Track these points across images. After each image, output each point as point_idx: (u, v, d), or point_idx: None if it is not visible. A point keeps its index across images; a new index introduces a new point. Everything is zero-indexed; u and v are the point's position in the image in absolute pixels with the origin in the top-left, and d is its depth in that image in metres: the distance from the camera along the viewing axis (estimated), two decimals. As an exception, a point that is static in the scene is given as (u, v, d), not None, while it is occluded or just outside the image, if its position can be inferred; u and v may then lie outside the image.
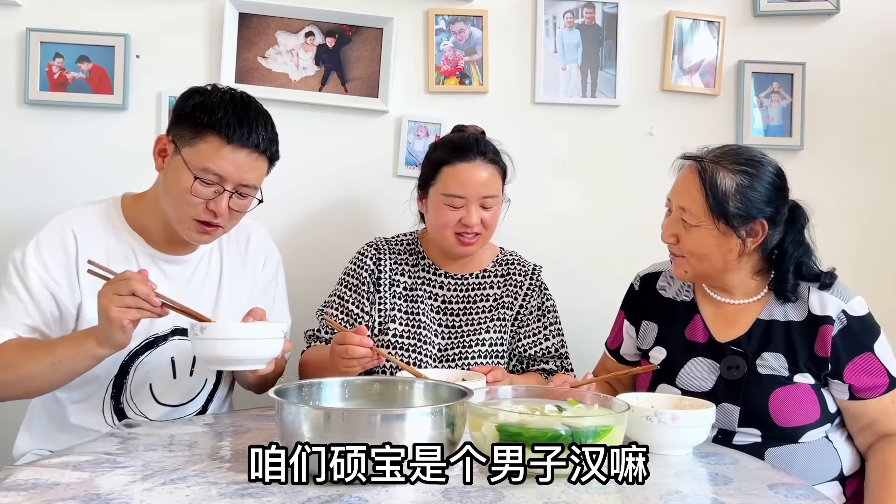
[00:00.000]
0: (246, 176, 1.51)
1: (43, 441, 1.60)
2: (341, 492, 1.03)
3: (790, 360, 1.47)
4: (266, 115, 1.56)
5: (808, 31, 2.31)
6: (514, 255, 1.95)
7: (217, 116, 1.47)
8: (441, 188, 1.77)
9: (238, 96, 1.53)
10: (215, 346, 1.36)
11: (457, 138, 1.82)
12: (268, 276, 1.74)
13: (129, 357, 1.57)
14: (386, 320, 1.82)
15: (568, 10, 2.25)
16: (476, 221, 1.75)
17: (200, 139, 1.48)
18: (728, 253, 1.49)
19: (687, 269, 1.54)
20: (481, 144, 1.78)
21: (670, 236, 1.54)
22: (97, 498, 1.00)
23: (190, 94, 1.54)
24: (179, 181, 1.49)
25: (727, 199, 1.45)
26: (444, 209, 1.76)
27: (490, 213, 1.78)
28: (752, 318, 1.53)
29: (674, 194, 1.54)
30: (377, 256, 1.87)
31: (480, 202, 1.76)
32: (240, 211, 1.56)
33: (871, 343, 1.47)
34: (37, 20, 2.11)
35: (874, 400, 1.46)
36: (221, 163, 1.48)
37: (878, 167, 2.33)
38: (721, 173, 1.46)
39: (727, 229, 1.47)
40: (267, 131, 1.53)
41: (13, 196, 2.10)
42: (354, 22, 2.19)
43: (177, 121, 1.53)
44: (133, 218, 1.59)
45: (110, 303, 1.33)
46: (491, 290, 1.87)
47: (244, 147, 1.49)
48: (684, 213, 1.49)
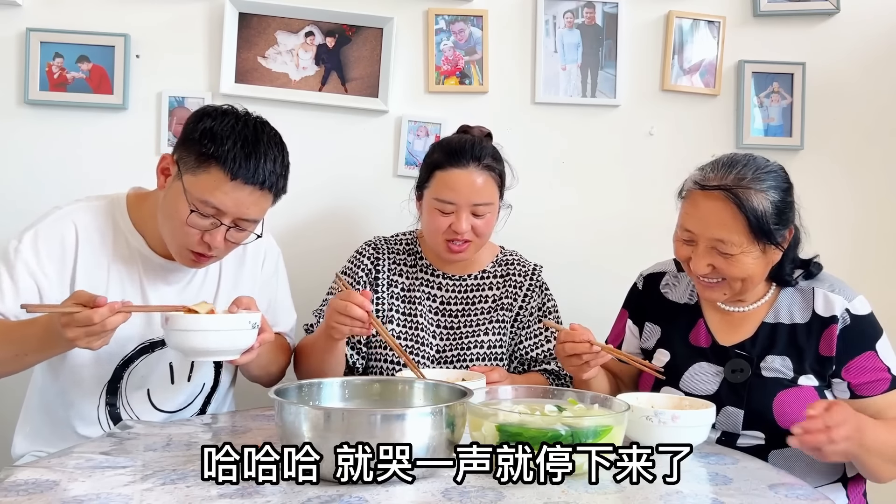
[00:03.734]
0: (247, 212, 1.44)
1: (40, 444, 1.58)
2: (341, 492, 1.03)
3: (796, 362, 1.47)
4: (279, 147, 1.47)
5: (808, 31, 2.31)
6: (515, 254, 1.93)
7: (224, 148, 1.40)
8: (433, 192, 1.75)
9: (251, 125, 1.45)
10: (179, 337, 1.34)
11: (454, 141, 1.77)
12: (268, 272, 1.72)
13: (123, 362, 1.56)
14: (383, 321, 1.81)
15: (568, 10, 2.25)
16: (466, 229, 1.71)
17: (203, 170, 1.41)
18: (767, 266, 1.48)
19: (727, 291, 1.49)
20: (477, 150, 1.73)
21: (705, 267, 1.46)
22: (97, 498, 1.00)
23: (201, 115, 1.46)
24: (177, 209, 1.43)
25: (768, 220, 1.41)
26: (434, 214, 1.74)
27: (483, 220, 1.74)
28: (758, 322, 1.52)
29: (701, 226, 1.45)
30: (375, 256, 1.86)
31: (472, 209, 1.72)
32: (236, 243, 1.50)
33: (874, 342, 1.47)
34: (37, 20, 2.11)
35: (877, 397, 1.46)
36: (222, 198, 1.41)
37: (878, 167, 2.33)
38: (755, 197, 1.41)
39: (769, 247, 1.44)
40: (276, 167, 1.45)
41: (13, 196, 2.09)
42: (354, 22, 2.19)
43: (183, 143, 1.45)
44: (136, 218, 1.56)
45: (77, 339, 1.27)
46: (490, 292, 1.86)
47: (248, 184, 1.41)
48: (722, 245, 1.43)
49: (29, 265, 1.46)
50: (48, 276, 1.48)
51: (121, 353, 1.55)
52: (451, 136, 1.84)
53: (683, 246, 1.50)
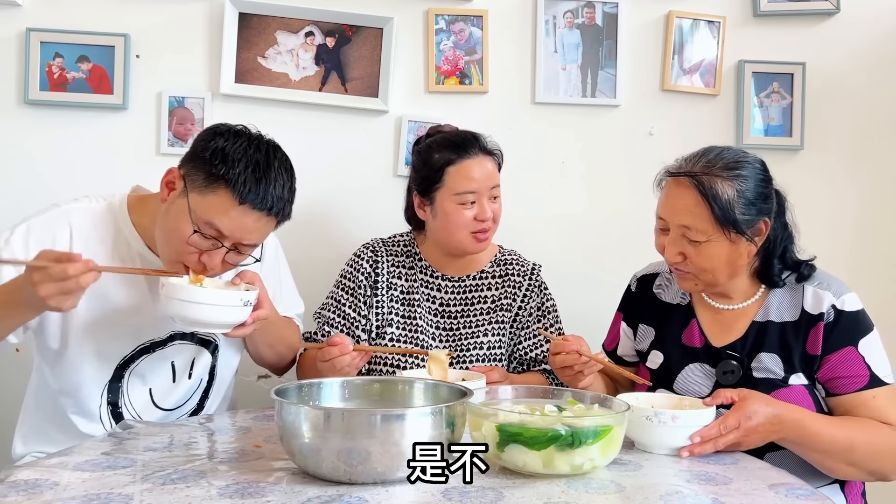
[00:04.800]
0: (249, 236, 1.43)
1: (40, 444, 1.58)
2: (341, 492, 1.03)
3: (785, 360, 1.46)
4: (288, 173, 1.46)
5: (808, 31, 2.31)
6: (514, 254, 1.93)
7: (235, 171, 1.37)
8: (451, 188, 1.75)
9: (263, 149, 1.43)
10: (173, 305, 1.37)
11: (452, 136, 1.80)
12: (268, 264, 1.70)
13: (124, 362, 1.56)
14: (383, 324, 1.81)
15: (568, 10, 2.25)
16: (490, 215, 1.75)
17: (211, 191, 1.38)
18: (738, 259, 1.47)
19: (697, 282, 1.50)
20: (479, 138, 1.78)
21: (676, 255, 1.47)
22: (97, 498, 1.00)
23: (213, 134, 1.43)
24: (179, 227, 1.40)
25: (732, 207, 1.41)
26: (457, 210, 1.75)
27: (497, 204, 1.79)
28: (748, 321, 1.52)
29: (669, 213, 1.47)
30: (374, 259, 1.85)
31: (490, 194, 1.76)
32: (233, 264, 1.48)
33: (857, 339, 1.44)
34: (37, 20, 2.11)
35: (851, 395, 1.42)
36: (227, 221, 1.39)
37: (878, 167, 2.33)
38: (718, 183, 1.42)
39: (737, 237, 1.44)
40: (284, 192, 1.44)
41: (13, 196, 2.09)
42: (354, 22, 2.19)
43: (191, 160, 1.43)
44: (137, 220, 1.54)
45: (48, 297, 1.24)
46: (488, 292, 1.85)
47: (255, 209, 1.40)
48: (688, 231, 1.44)
49: (16, 257, 1.43)
50: None
51: (121, 352, 1.55)
52: (444, 134, 1.83)
53: (660, 235, 1.52)
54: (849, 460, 1.38)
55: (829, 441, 1.36)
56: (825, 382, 1.45)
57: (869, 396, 1.42)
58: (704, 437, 1.28)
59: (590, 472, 1.14)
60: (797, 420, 1.35)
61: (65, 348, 1.51)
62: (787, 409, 1.35)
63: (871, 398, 1.42)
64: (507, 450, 1.12)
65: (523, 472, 1.13)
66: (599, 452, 1.12)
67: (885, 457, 1.39)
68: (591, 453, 1.11)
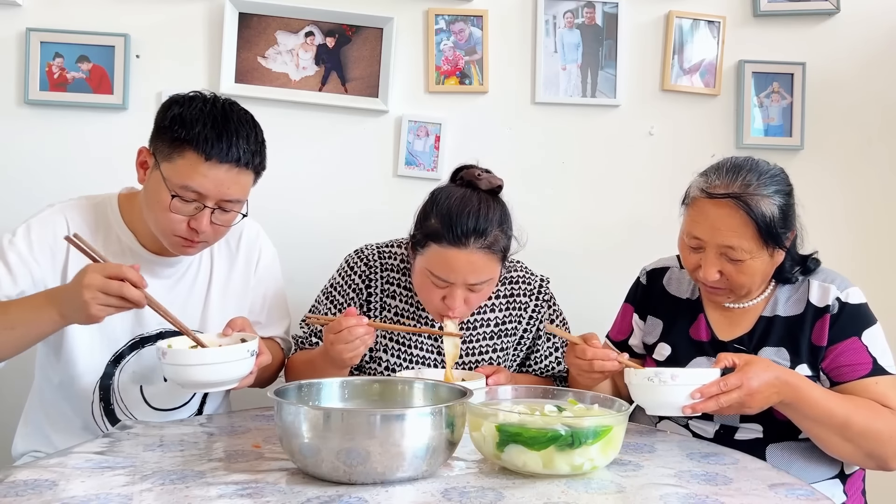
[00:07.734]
0: (228, 191, 1.45)
1: (40, 443, 1.59)
2: (341, 492, 1.03)
3: (792, 353, 1.48)
4: (250, 124, 1.48)
5: (808, 31, 2.31)
6: (520, 268, 1.76)
7: (195, 131, 1.41)
8: (426, 262, 1.53)
9: (219, 106, 1.46)
10: (177, 371, 1.33)
11: (455, 210, 1.51)
12: (262, 273, 1.71)
13: (114, 358, 1.56)
14: (377, 349, 1.68)
15: (568, 10, 2.25)
16: (459, 304, 1.53)
17: (178, 155, 1.43)
18: (772, 269, 1.49)
19: (732, 296, 1.52)
20: (481, 223, 1.50)
21: (715, 274, 1.46)
22: (96, 498, 1.00)
23: (169, 104, 1.47)
24: (159, 198, 1.44)
25: (775, 225, 1.43)
26: (427, 283, 1.55)
27: (479, 294, 1.56)
28: (756, 317, 1.54)
29: (710, 233, 1.45)
30: (367, 275, 1.69)
31: (468, 287, 1.53)
32: (224, 225, 1.50)
33: (861, 330, 1.46)
34: (37, 20, 2.11)
35: (854, 382, 1.44)
36: (200, 180, 1.42)
37: (878, 167, 2.33)
38: (763, 203, 1.42)
39: (777, 251, 1.46)
40: (249, 143, 1.45)
41: (13, 196, 2.09)
42: (354, 22, 2.19)
43: (156, 133, 1.48)
44: (127, 215, 1.57)
45: (94, 299, 1.27)
46: (493, 314, 1.71)
47: (223, 163, 1.42)
48: (731, 251, 1.44)
49: (22, 254, 1.48)
50: (41, 264, 1.50)
51: (112, 348, 1.56)
52: (453, 197, 1.54)
53: (692, 253, 1.50)
54: (845, 435, 1.38)
55: (827, 411, 1.37)
56: (829, 372, 1.46)
57: (871, 383, 1.43)
58: (705, 394, 1.29)
59: (590, 473, 1.14)
60: (797, 384, 1.36)
61: (62, 337, 1.53)
62: (788, 373, 1.38)
63: (874, 384, 1.43)
64: (507, 450, 1.12)
65: (523, 472, 1.13)
66: (599, 452, 1.12)
67: (885, 441, 1.39)
68: (590, 453, 1.11)
